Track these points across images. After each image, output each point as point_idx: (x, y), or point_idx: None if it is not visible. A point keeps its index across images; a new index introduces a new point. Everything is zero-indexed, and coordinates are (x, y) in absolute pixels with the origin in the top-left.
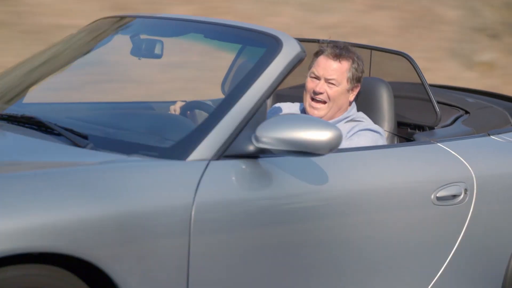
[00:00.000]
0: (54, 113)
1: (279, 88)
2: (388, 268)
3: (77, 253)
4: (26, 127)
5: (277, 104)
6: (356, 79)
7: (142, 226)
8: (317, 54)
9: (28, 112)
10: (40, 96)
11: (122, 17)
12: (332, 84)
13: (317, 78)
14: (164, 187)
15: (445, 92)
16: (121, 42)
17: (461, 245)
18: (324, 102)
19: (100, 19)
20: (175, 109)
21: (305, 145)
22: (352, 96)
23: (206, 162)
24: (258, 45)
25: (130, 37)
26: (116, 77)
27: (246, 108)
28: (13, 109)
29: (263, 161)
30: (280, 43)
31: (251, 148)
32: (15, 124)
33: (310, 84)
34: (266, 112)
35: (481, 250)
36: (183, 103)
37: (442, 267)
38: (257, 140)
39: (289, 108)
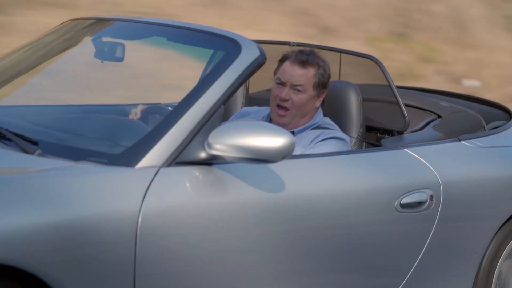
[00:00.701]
0: (13, 117)
1: (253, 91)
2: (353, 273)
3: (14, 263)
4: None
5: (244, 108)
6: (322, 85)
7: (86, 234)
8: (283, 59)
9: None
10: (6, 99)
11: (89, 19)
12: (298, 90)
13: (283, 84)
14: (109, 195)
15: (419, 95)
16: (88, 45)
17: (427, 252)
18: (289, 109)
19: (68, 20)
20: (136, 112)
21: (257, 152)
22: (318, 102)
23: (155, 169)
24: (218, 49)
25: (92, 40)
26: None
27: (199, 114)
28: None
29: (217, 168)
30: (238, 46)
31: (203, 155)
32: None
33: (276, 90)
34: (221, 118)
35: (447, 257)
36: (145, 107)
37: (407, 274)
38: (210, 146)
39: (256, 112)
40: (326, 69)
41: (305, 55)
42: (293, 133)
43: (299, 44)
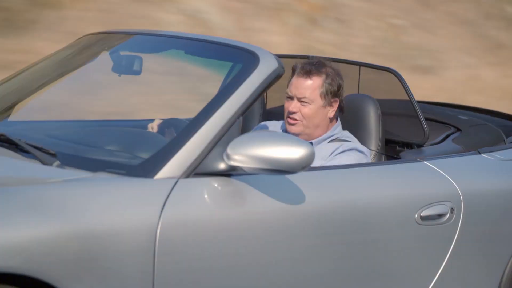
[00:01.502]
0: (31, 131)
1: (271, 106)
2: (369, 286)
3: (32, 273)
4: None
5: (263, 123)
6: (332, 94)
7: (103, 245)
8: (292, 73)
9: (8, 129)
10: (26, 114)
11: (107, 33)
12: (305, 102)
13: (291, 98)
14: (128, 206)
15: (438, 109)
16: (106, 59)
17: (448, 266)
18: (299, 120)
19: (87, 35)
20: (153, 127)
21: (276, 163)
22: (331, 113)
23: (174, 180)
24: (236, 61)
25: (110, 54)
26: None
27: (218, 126)
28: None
29: (236, 179)
30: (257, 58)
31: (222, 166)
32: None
33: (286, 104)
34: (239, 129)
35: (468, 271)
36: (161, 121)
37: (428, 287)
38: (229, 157)
39: (274, 126)
40: (334, 78)
41: (310, 66)
42: (311, 144)
43: (318, 58)
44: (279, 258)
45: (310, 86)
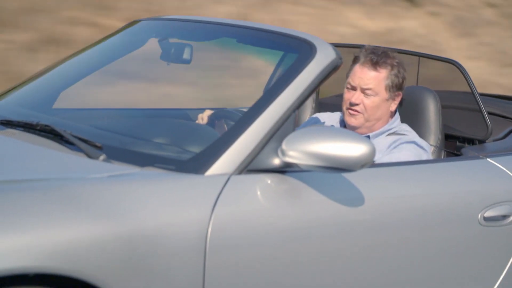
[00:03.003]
0: (77, 120)
1: (323, 96)
2: None
3: (78, 274)
4: (42, 136)
5: (316, 114)
6: (396, 87)
7: (151, 245)
8: (354, 62)
9: (53, 119)
10: (71, 101)
11: (155, 19)
12: (369, 94)
13: (353, 88)
14: (177, 204)
15: (500, 103)
16: (154, 46)
17: (511, 270)
18: (361, 112)
19: (135, 21)
20: (203, 117)
21: (334, 160)
22: (393, 106)
23: (226, 177)
24: (291, 51)
25: (159, 41)
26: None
27: (272, 119)
28: (40, 115)
29: (291, 176)
30: (314, 49)
31: (277, 162)
32: (31, 133)
33: (347, 95)
34: (295, 123)
35: None
36: (211, 112)
37: None
38: (284, 153)
39: (328, 118)
40: (400, 70)
41: (376, 56)
42: (368, 137)
43: (376, 47)
44: (335, 259)
45: (376, 78)
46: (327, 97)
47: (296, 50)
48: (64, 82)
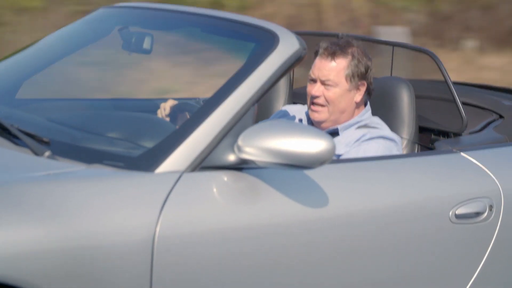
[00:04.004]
0: (37, 111)
1: (298, 86)
2: None
3: (14, 282)
4: None
5: (285, 107)
6: (359, 77)
7: (96, 247)
8: (315, 54)
9: (8, 111)
10: (34, 91)
11: (120, 7)
12: (329, 85)
13: (314, 80)
14: (124, 203)
15: (479, 93)
16: (117, 35)
17: (485, 269)
18: (324, 106)
19: (99, 8)
20: (165, 107)
21: (292, 157)
22: (358, 97)
23: (178, 174)
24: (252, 41)
25: (119, 30)
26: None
27: (229, 113)
28: (1, 107)
29: (249, 174)
30: (276, 38)
31: (232, 158)
32: None
33: (309, 87)
34: (253, 118)
35: (507, 275)
36: (175, 102)
37: None
38: (240, 149)
39: (298, 111)
40: (361, 59)
41: (335, 46)
42: (337, 130)
43: (347, 36)
44: (293, 261)
45: (334, 68)
46: (301, 87)
47: (257, 40)
48: (28, 70)
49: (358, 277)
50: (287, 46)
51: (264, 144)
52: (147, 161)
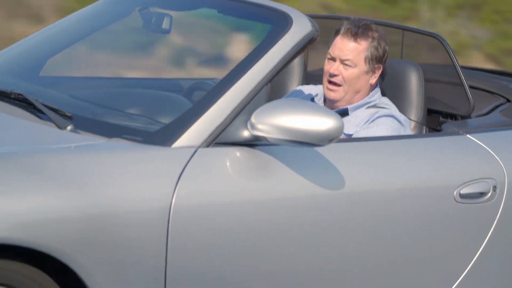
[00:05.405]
0: (56, 88)
1: (312, 68)
2: (403, 270)
3: (34, 245)
4: (15, 105)
5: (299, 87)
6: (376, 59)
7: (113, 217)
8: (335, 33)
9: (33, 87)
10: (58, 69)
11: None
12: (348, 65)
13: (333, 59)
14: (141, 176)
15: (488, 77)
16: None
17: (488, 248)
18: (340, 85)
19: None
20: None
21: (302, 134)
22: (373, 79)
23: (193, 149)
24: (267, 22)
25: (139, 11)
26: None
27: (243, 92)
28: (26, 84)
29: (261, 150)
30: (289, 20)
31: (245, 135)
32: (5, 102)
33: (327, 66)
34: (266, 96)
35: (510, 255)
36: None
37: (464, 271)
38: (252, 126)
39: (311, 90)
40: (380, 42)
41: (356, 28)
42: (347, 110)
43: (361, 19)
44: (305, 233)
45: (355, 49)
46: (315, 69)
47: (271, 21)
48: (51, 49)
49: (364, 252)
50: (300, 28)
51: (275, 121)
52: (164, 136)
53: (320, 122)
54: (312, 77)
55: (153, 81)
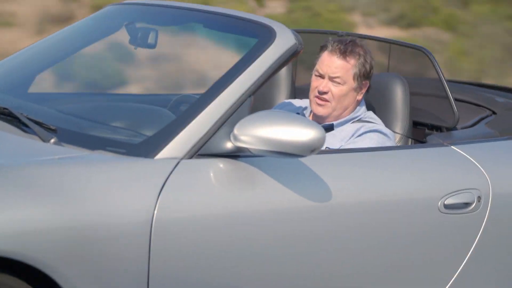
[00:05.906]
0: (44, 103)
1: (301, 84)
2: (388, 280)
3: (20, 258)
4: (1, 119)
5: (285, 101)
6: (364, 76)
7: (96, 228)
8: (322, 49)
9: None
10: (43, 85)
11: (128, 4)
12: (337, 82)
13: (321, 76)
14: (124, 187)
15: (473, 90)
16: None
17: (473, 258)
18: (329, 101)
19: (108, 5)
20: None
21: (284, 145)
22: (360, 95)
23: (176, 161)
24: (251, 35)
25: (125, 26)
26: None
27: (226, 104)
28: (14, 99)
29: (245, 162)
30: (273, 33)
31: (229, 146)
32: None
33: (315, 82)
34: (249, 108)
35: (494, 265)
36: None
37: (449, 282)
38: (235, 138)
39: (298, 104)
40: (367, 59)
41: (344, 45)
42: (332, 125)
43: (348, 34)
44: (287, 249)
45: (344, 66)
46: (303, 84)
47: (256, 35)
48: (39, 65)
49: (348, 265)
50: (284, 41)
51: (257, 132)
52: (147, 148)
53: (301, 133)
54: (300, 91)
55: (139, 96)
